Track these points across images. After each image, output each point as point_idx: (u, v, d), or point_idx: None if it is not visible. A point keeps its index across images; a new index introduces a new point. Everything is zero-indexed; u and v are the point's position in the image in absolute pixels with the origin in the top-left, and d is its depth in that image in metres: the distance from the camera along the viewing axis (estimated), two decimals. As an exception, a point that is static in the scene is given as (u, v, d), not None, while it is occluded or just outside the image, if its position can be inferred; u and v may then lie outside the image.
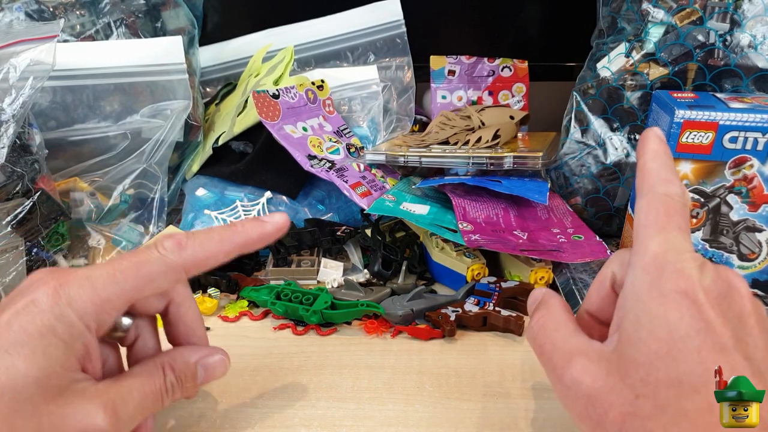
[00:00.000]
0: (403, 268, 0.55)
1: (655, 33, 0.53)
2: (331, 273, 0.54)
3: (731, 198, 0.46)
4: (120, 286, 0.31)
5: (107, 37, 0.66)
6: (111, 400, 0.30)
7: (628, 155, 0.57)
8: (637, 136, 0.57)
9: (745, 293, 0.28)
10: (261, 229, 0.34)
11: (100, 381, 0.31)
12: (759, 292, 0.49)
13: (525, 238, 0.54)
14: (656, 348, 0.26)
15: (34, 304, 0.29)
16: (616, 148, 0.57)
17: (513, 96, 0.80)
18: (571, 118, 0.60)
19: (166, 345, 0.37)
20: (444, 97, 0.81)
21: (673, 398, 0.25)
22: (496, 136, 0.65)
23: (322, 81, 0.70)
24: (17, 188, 0.51)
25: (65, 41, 0.63)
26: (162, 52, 0.63)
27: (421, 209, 0.57)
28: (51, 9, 0.64)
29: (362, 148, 0.68)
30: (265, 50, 0.75)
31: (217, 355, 0.36)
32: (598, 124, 0.58)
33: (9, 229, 0.50)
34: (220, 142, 0.66)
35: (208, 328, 0.48)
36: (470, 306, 0.49)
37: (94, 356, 0.31)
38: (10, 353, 0.28)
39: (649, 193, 0.30)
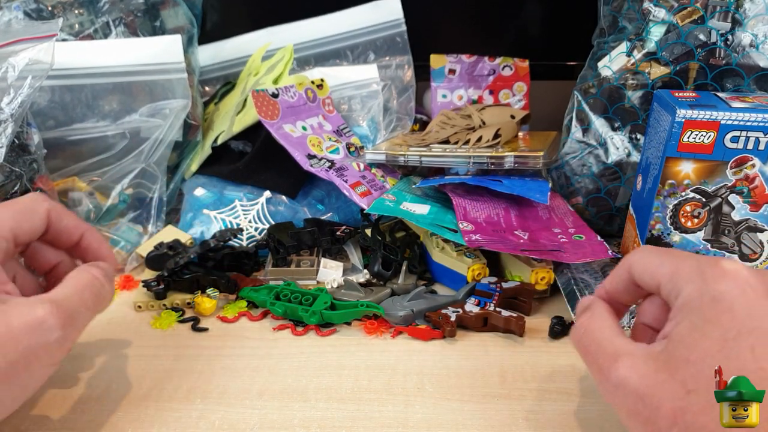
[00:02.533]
0: (403, 268, 0.54)
1: (656, 32, 0.53)
2: (330, 273, 0.54)
3: (733, 198, 0.46)
4: (2, 218, 0.35)
5: (106, 36, 0.66)
6: (48, 297, 0.32)
7: (629, 155, 0.57)
8: (639, 136, 0.56)
9: None
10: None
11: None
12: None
13: (526, 238, 0.54)
14: (708, 346, 0.26)
15: None
16: (618, 148, 0.57)
17: (514, 95, 0.80)
18: (572, 117, 0.59)
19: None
20: (444, 96, 0.81)
21: None
22: (496, 136, 0.65)
23: (322, 80, 0.70)
24: (16, 188, 0.51)
25: (64, 40, 0.63)
26: (161, 51, 0.62)
27: (422, 209, 0.57)
28: (49, 8, 0.64)
29: (362, 147, 0.68)
30: (265, 49, 0.75)
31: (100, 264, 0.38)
32: (599, 124, 0.58)
33: (7, 229, 0.50)
34: (219, 142, 0.66)
35: (206, 329, 0.48)
36: (471, 306, 0.48)
37: (6, 279, 0.34)
38: None
39: (690, 284, 0.30)
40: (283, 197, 0.63)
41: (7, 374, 0.30)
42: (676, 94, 0.48)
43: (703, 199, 0.47)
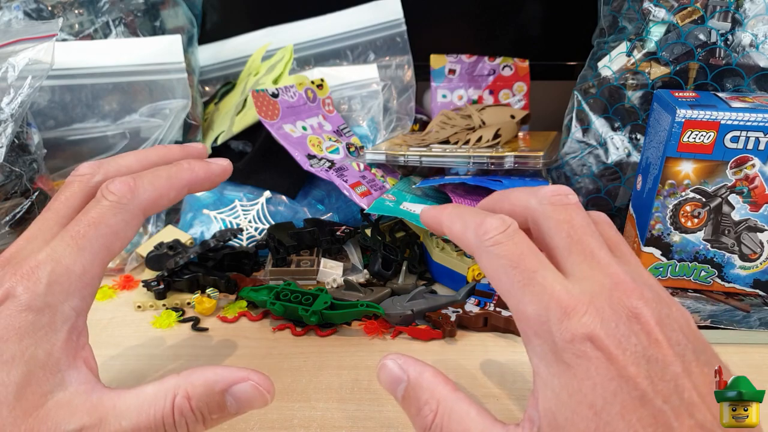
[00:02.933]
0: (403, 268, 0.54)
1: (656, 32, 0.53)
2: (330, 273, 0.54)
3: (733, 198, 0.46)
4: (89, 252, 0.28)
5: (106, 36, 0.66)
6: (99, 419, 0.26)
7: (629, 155, 0.57)
8: (639, 136, 0.56)
9: (645, 311, 0.24)
10: (207, 168, 0.33)
11: (97, 388, 0.28)
12: (760, 292, 0.49)
13: (525, 238, 0.54)
14: (585, 427, 0.23)
15: (9, 302, 0.26)
16: (617, 148, 0.57)
17: (514, 95, 0.80)
18: (572, 117, 0.59)
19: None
20: (444, 96, 0.81)
21: None
22: (496, 136, 0.65)
23: (322, 80, 0.70)
24: (15, 188, 0.51)
25: (64, 40, 0.63)
26: (161, 51, 0.62)
27: (422, 209, 0.57)
28: (49, 8, 0.64)
29: (362, 147, 0.68)
30: (264, 49, 0.75)
31: (252, 381, 0.29)
32: (599, 124, 0.58)
33: (7, 228, 0.50)
34: (219, 142, 0.66)
35: (206, 329, 0.48)
36: (471, 306, 0.48)
37: (83, 342, 0.29)
38: None
39: (479, 253, 0.27)
40: (283, 197, 0.63)
41: None
42: (676, 94, 0.48)
43: (703, 199, 0.47)
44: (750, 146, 0.44)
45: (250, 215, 0.60)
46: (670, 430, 0.22)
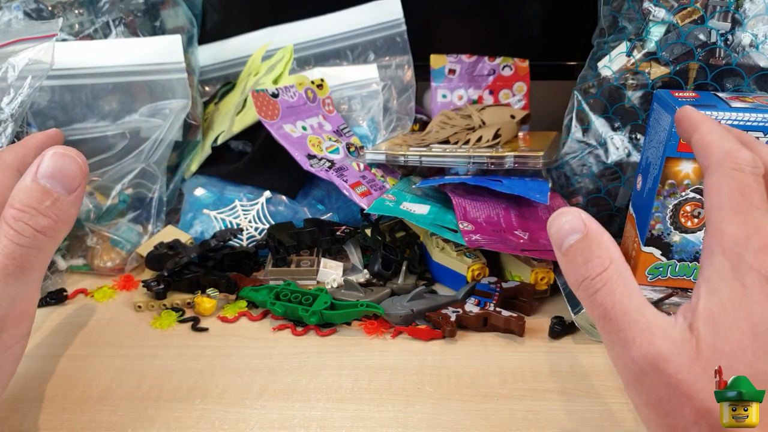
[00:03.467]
0: (403, 268, 0.54)
1: (656, 32, 0.53)
2: (330, 273, 0.54)
3: (733, 198, 0.46)
4: None
5: (106, 36, 0.66)
6: None
7: (629, 155, 0.57)
8: (639, 136, 0.56)
9: None
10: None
11: None
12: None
13: (526, 238, 0.54)
14: (739, 339, 0.25)
15: None
16: (618, 148, 0.57)
17: (514, 95, 0.80)
18: (572, 117, 0.59)
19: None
20: (444, 96, 0.81)
21: None
22: (496, 136, 0.65)
23: (322, 80, 0.70)
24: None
25: (64, 40, 0.63)
26: (161, 51, 0.62)
27: (422, 209, 0.57)
28: (49, 8, 0.64)
29: (362, 147, 0.68)
30: (264, 49, 0.75)
31: (50, 151, 0.32)
32: (599, 124, 0.58)
33: (7, 229, 0.50)
34: (219, 142, 0.66)
35: (206, 329, 0.48)
36: (471, 306, 0.48)
37: None
38: None
39: (718, 169, 0.28)
40: (283, 197, 0.63)
41: None
42: (676, 94, 0.48)
43: (703, 199, 0.47)
44: (750, 146, 0.44)
45: (250, 215, 0.60)
46: None
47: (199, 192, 0.63)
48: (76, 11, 0.64)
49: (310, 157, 0.61)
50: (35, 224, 0.31)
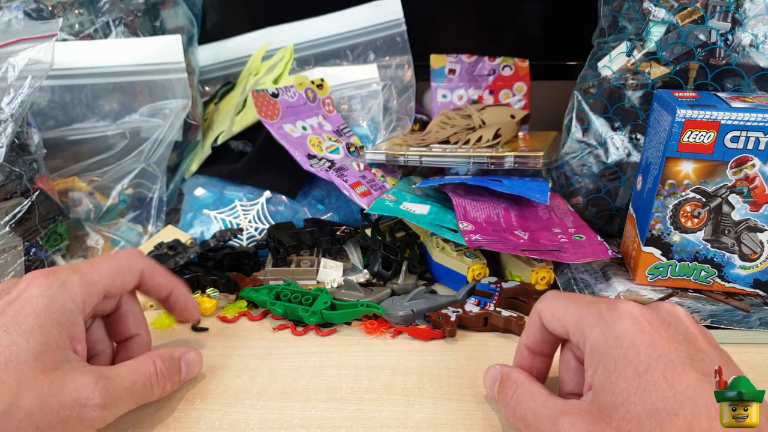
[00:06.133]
0: (403, 268, 0.54)
1: (656, 32, 0.53)
2: (330, 273, 0.54)
3: (733, 198, 0.46)
4: (98, 274, 0.36)
5: (106, 36, 0.66)
6: (103, 376, 0.33)
7: (629, 155, 0.57)
8: (639, 136, 0.56)
9: (685, 318, 0.32)
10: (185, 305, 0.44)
11: (92, 366, 0.35)
12: (760, 292, 0.49)
13: (526, 238, 0.54)
14: (627, 386, 0.28)
15: (27, 291, 0.34)
16: (617, 148, 0.57)
17: (514, 95, 0.80)
18: (572, 117, 0.59)
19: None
20: (444, 96, 0.81)
21: (656, 426, 0.26)
22: (496, 136, 0.65)
23: (322, 80, 0.70)
24: (16, 188, 0.51)
25: (64, 40, 0.63)
26: (161, 51, 0.62)
27: (422, 209, 0.57)
28: (50, 8, 0.64)
29: (362, 147, 0.68)
30: (265, 49, 0.75)
31: (194, 352, 0.41)
32: (599, 124, 0.58)
33: (7, 228, 0.50)
34: (219, 142, 0.66)
35: (206, 329, 0.48)
36: (471, 306, 0.48)
37: (82, 338, 0.35)
38: (9, 332, 0.31)
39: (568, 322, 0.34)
40: (283, 197, 0.63)
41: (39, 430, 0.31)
42: (676, 94, 0.48)
43: (703, 199, 0.47)
44: (750, 146, 0.44)
45: (250, 215, 0.60)
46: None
47: (199, 192, 0.63)
48: (76, 11, 0.65)
49: (310, 157, 0.61)
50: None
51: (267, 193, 0.62)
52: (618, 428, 0.27)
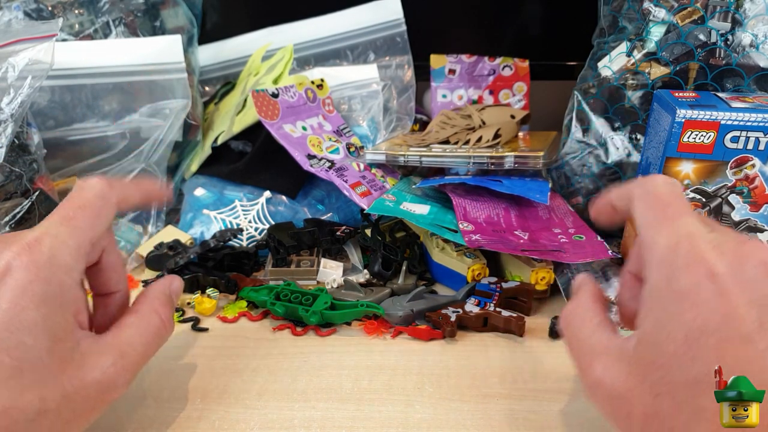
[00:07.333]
0: (403, 268, 0.54)
1: (656, 32, 0.53)
2: (330, 273, 0.54)
3: (733, 198, 0.46)
4: (81, 230, 0.31)
5: (106, 36, 0.66)
6: (119, 355, 0.32)
7: (629, 155, 0.57)
8: (639, 136, 0.56)
9: None
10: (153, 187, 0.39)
11: (100, 334, 0.32)
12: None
13: (526, 238, 0.54)
14: (674, 350, 0.26)
15: (13, 274, 0.28)
16: (618, 148, 0.57)
17: (514, 95, 0.80)
18: (572, 117, 0.59)
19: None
20: (444, 96, 0.81)
21: (690, 397, 0.25)
22: (496, 136, 0.65)
23: (322, 80, 0.70)
24: (16, 188, 0.51)
25: (64, 40, 0.63)
26: (161, 51, 0.62)
27: (422, 209, 0.57)
28: (50, 8, 0.64)
29: (362, 147, 0.68)
30: (265, 49, 0.75)
31: (177, 280, 0.39)
32: (599, 124, 0.58)
33: (7, 229, 0.50)
34: (219, 142, 0.66)
35: (206, 329, 0.48)
36: (471, 306, 0.48)
37: (84, 307, 0.32)
38: (12, 332, 0.28)
39: (638, 196, 0.31)
40: (283, 197, 0.63)
41: (69, 422, 0.30)
42: (676, 94, 0.48)
43: (703, 199, 0.47)
44: (750, 146, 0.44)
45: (250, 215, 0.60)
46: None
47: (199, 192, 0.63)
48: (76, 11, 0.65)
49: (310, 157, 0.61)
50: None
51: (267, 194, 0.62)
52: (651, 389, 0.26)
